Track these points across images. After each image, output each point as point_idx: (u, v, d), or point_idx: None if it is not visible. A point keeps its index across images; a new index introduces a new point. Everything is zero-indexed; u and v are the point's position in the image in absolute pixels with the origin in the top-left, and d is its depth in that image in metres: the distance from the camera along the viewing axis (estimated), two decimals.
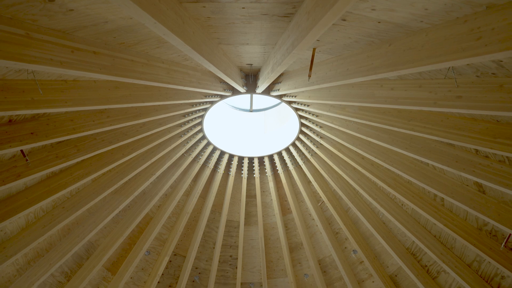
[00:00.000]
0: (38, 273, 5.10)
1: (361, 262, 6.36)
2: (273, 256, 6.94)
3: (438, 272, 5.53)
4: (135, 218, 5.91)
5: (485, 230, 4.79)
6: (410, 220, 5.53)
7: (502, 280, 4.81)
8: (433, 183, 4.81)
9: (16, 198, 4.59)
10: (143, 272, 6.43)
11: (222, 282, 6.92)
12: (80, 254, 5.72)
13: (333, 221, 6.51)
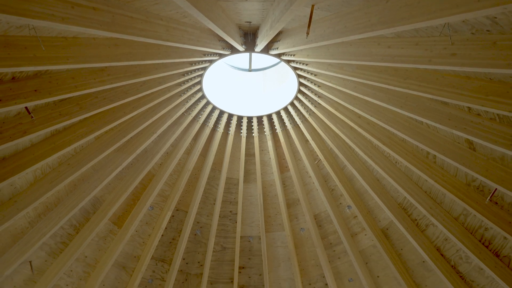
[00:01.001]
0: (48, 225, 5.38)
1: (355, 217, 6.68)
2: (271, 211, 7.26)
3: (427, 225, 5.84)
4: (138, 175, 6.13)
5: (473, 185, 5.02)
6: (403, 177, 5.76)
7: (485, 232, 5.12)
8: (426, 141, 4.98)
9: (23, 154, 4.77)
10: (147, 226, 6.77)
11: (222, 236, 7.30)
12: (87, 208, 5.99)
13: (329, 179, 6.75)
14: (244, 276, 7.34)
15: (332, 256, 6.99)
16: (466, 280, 5.50)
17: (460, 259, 5.52)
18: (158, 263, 6.91)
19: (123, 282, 6.57)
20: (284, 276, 7.27)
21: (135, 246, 6.68)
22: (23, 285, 5.46)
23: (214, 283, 7.26)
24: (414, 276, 6.13)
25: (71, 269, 5.97)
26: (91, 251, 6.18)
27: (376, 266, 6.57)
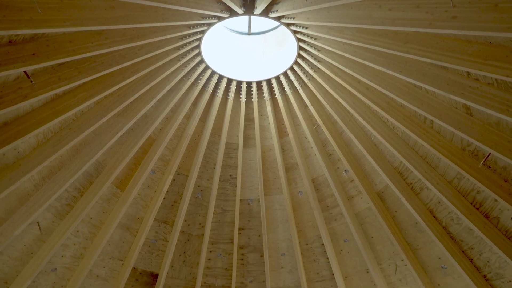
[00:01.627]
0: (53, 188, 5.54)
1: (352, 181, 6.85)
2: (270, 175, 7.43)
3: (421, 188, 6.00)
4: (138, 140, 6.22)
5: (468, 150, 5.12)
6: (400, 142, 5.85)
7: (477, 194, 5.29)
8: (424, 106, 5.02)
9: (24, 119, 4.82)
10: (149, 189, 6.95)
11: (222, 199, 7.51)
12: (90, 172, 6.13)
13: (327, 143, 6.85)
14: (244, 237, 7.65)
15: (328, 218, 7.24)
16: (456, 240, 5.74)
17: (451, 220, 5.73)
18: (160, 224, 7.16)
19: (128, 242, 6.86)
20: (282, 237, 7.57)
21: (138, 209, 6.90)
22: (33, 245, 5.71)
23: (215, 243, 7.57)
24: (407, 236, 6.38)
25: (78, 230, 6.21)
26: (96, 213, 6.40)
27: (371, 228, 6.83)
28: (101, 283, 6.57)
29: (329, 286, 7.26)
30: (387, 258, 6.67)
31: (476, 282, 5.43)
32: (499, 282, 5.37)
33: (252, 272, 7.60)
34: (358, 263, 7.01)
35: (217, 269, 7.56)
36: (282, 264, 7.55)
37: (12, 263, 5.52)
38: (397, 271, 6.55)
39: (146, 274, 7.08)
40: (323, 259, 7.32)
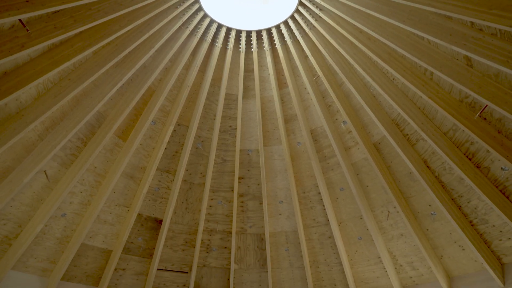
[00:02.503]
0: (57, 139, 5.66)
1: (349, 132, 6.98)
2: (269, 126, 7.53)
3: (417, 140, 6.14)
4: (138, 91, 6.23)
5: (465, 102, 5.18)
6: (399, 94, 5.88)
7: (470, 145, 5.43)
8: (425, 57, 4.99)
9: (23, 69, 4.80)
10: (150, 140, 7.09)
11: (222, 149, 7.69)
12: (91, 123, 6.22)
13: (326, 95, 6.87)
14: (244, 185, 7.94)
15: (325, 168, 7.47)
16: (446, 189, 6.00)
17: (444, 170, 5.94)
18: (163, 173, 7.40)
19: (132, 190, 7.14)
20: (281, 186, 7.86)
21: (141, 158, 7.09)
22: (41, 192, 5.95)
23: (215, 191, 7.88)
24: (400, 185, 6.65)
25: (83, 178, 6.44)
26: (100, 163, 6.59)
27: (366, 177, 7.08)
28: (108, 228, 6.95)
29: (324, 231, 7.69)
30: (380, 205, 7.00)
31: (462, 227, 5.77)
32: (484, 227, 5.70)
33: (252, 218, 8.00)
34: (352, 210, 7.36)
35: (218, 215, 7.95)
36: (280, 211, 7.92)
37: (23, 208, 5.80)
38: (389, 218, 6.91)
39: (150, 219, 7.46)
40: (319, 206, 7.67)
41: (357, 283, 7.47)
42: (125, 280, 7.20)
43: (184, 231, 7.74)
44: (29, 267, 6.07)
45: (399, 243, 6.89)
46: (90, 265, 6.80)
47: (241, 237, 8.03)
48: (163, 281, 7.56)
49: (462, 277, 6.18)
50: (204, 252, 7.88)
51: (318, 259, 7.77)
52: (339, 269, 7.58)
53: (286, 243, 7.95)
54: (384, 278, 7.16)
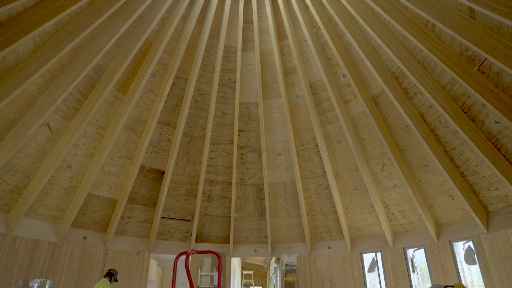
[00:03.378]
0: (57, 92, 5.69)
1: (349, 85, 6.99)
2: (269, 79, 7.52)
3: (415, 93, 6.18)
4: (136, 42, 6.15)
5: (465, 55, 5.15)
6: (399, 46, 5.82)
7: (467, 99, 5.49)
8: (428, 8, 4.88)
9: (18, 20, 4.71)
10: (150, 93, 7.12)
11: (222, 102, 7.74)
12: (91, 76, 6.21)
13: (326, 47, 6.78)
14: (243, 138, 8.10)
15: (324, 121, 7.58)
16: (441, 141, 6.15)
17: (439, 123, 6.05)
18: (164, 126, 7.52)
19: (134, 142, 7.30)
20: (279, 138, 8.02)
21: (141, 111, 7.17)
22: (46, 144, 6.11)
23: (216, 144, 8.05)
24: (396, 138, 6.80)
25: (86, 131, 6.56)
26: (101, 116, 6.67)
27: (363, 130, 7.21)
28: (113, 179, 7.20)
29: (321, 182, 7.98)
30: (375, 157, 7.21)
31: (453, 178, 6.00)
32: (473, 178, 5.94)
33: (251, 169, 8.26)
34: (348, 162, 7.59)
35: (219, 167, 8.20)
36: (278, 163, 8.16)
37: (30, 160, 5.99)
38: (384, 169, 7.15)
39: (153, 171, 7.70)
40: (316, 158, 7.89)
41: (351, 230, 7.91)
42: (131, 227, 7.61)
43: (186, 182, 8.03)
44: (40, 215, 6.40)
45: (392, 193, 7.19)
46: (97, 213, 7.15)
47: (241, 188, 8.35)
48: (167, 228, 7.99)
49: (449, 224, 6.54)
50: (205, 202, 8.24)
51: (314, 208, 8.14)
52: (334, 218, 7.98)
53: (284, 193, 8.29)
54: (376, 225, 7.57)
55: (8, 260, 5.77)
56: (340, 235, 7.96)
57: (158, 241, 7.86)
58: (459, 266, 6.23)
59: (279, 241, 8.40)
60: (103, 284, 4.54)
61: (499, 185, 5.67)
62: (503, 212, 5.73)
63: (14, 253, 5.86)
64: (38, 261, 6.15)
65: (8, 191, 5.90)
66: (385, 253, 7.33)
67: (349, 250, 7.76)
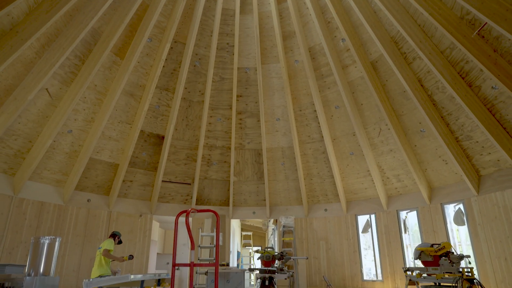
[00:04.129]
0: (55, 56, 5.67)
1: (348, 50, 6.92)
2: (267, 43, 7.43)
3: (414, 58, 6.15)
4: (132, 5, 6.03)
5: (466, 19, 5.08)
6: (400, 10, 5.72)
7: (465, 64, 5.48)
8: None
9: None
10: (148, 58, 7.07)
11: (220, 67, 7.69)
12: (87, 40, 6.15)
13: (326, 10, 6.65)
14: (242, 103, 8.13)
15: (322, 86, 7.58)
16: (437, 107, 6.21)
17: (436, 89, 6.08)
18: (162, 91, 7.53)
19: (133, 107, 7.34)
20: (278, 104, 8.06)
21: (139, 76, 7.15)
22: (46, 109, 6.17)
23: (214, 109, 8.10)
24: (394, 103, 6.84)
25: (85, 96, 6.59)
26: (100, 81, 6.67)
27: (361, 95, 7.24)
28: (113, 143, 7.33)
29: (319, 147, 8.11)
30: (373, 123, 7.29)
31: (448, 143, 6.12)
32: (468, 143, 6.05)
33: (250, 134, 8.37)
34: (346, 127, 7.68)
35: (218, 132, 8.30)
36: (277, 128, 8.25)
37: (31, 125, 6.07)
38: (380, 134, 7.25)
39: (153, 136, 7.81)
40: (314, 123, 7.97)
41: (347, 194, 8.15)
42: (133, 190, 7.84)
43: (186, 147, 8.16)
44: (44, 178, 6.58)
45: (388, 158, 7.35)
46: (99, 177, 7.35)
47: (240, 152, 8.50)
48: (168, 192, 8.23)
49: (442, 187, 6.75)
50: (205, 166, 8.42)
51: (311, 172, 8.34)
52: (330, 181, 8.19)
53: (282, 158, 8.45)
54: (371, 189, 7.80)
55: (17, 220, 6.02)
56: (336, 198, 8.22)
57: (159, 203, 8.13)
58: (448, 227, 6.51)
59: (277, 203, 8.68)
60: (107, 242, 4.77)
61: (491, 150, 5.79)
62: (494, 176, 5.90)
63: (22, 214, 6.10)
64: (45, 222, 6.42)
65: (12, 155, 6.04)
66: (379, 215, 7.61)
67: (344, 212, 8.04)
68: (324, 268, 7.91)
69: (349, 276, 7.63)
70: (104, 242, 4.84)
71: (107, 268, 4.73)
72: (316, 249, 8.11)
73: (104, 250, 4.67)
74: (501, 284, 5.43)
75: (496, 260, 5.56)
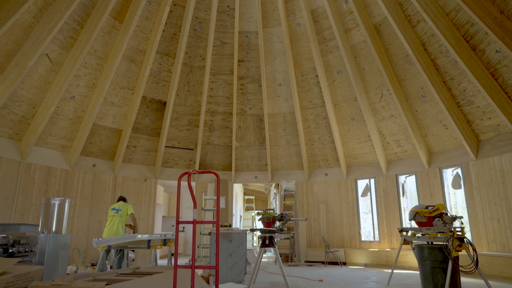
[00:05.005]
0: (53, 20, 5.60)
1: (351, 13, 6.76)
2: (269, 6, 7.26)
3: (418, 21, 6.02)
4: None
5: None
6: None
7: (470, 27, 5.37)
8: None
9: None
10: (147, 22, 6.95)
11: (221, 31, 7.57)
12: (85, 3, 6.03)
13: None
14: (243, 68, 8.07)
15: (324, 50, 7.48)
16: (440, 71, 6.15)
17: (440, 53, 6.00)
18: (163, 57, 7.47)
19: (134, 73, 7.33)
20: (279, 69, 7.99)
21: (139, 41, 7.07)
22: (47, 75, 6.18)
23: (216, 74, 8.06)
24: (396, 68, 6.78)
25: (86, 62, 6.57)
26: (100, 46, 6.62)
27: (364, 60, 7.15)
28: (116, 109, 7.38)
29: (320, 112, 8.14)
30: (374, 88, 7.26)
31: (449, 108, 6.13)
32: (469, 107, 6.06)
33: (251, 100, 8.38)
34: (347, 93, 7.66)
35: (219, 97, 8.31)
36: (278, 93, 8.24)
37: (34, 91, 6.11)
38: (382, 99, 7.25)
39: (155, 101, 7.84)
40: (316, 89, 7.95)
41: (347, 158, 8.28)
42: (137, 156, 8.00)
43: (188, 112, 8.21)
44: (50, 144, 6.72)
45: (389, 123, 7.39)
46: (104, 143, 7.48)
47: (242, 118, 8.55)
48: (172, 157, 8.39)
49: (441, 152, 6.84)
50: (207, 132, 8.51)
51: (312, 138, 8.43)
52: (331, 147, 8.29)
53: (283, 123, 8.51)
54: (371, 154, 7.91)
55: (26, 184, 6.22)
56: (337, 163, 8.36)
57: (163, 168, 8.31)
58: (445, 191, 6.67)
59: (278, 168, 8.84)
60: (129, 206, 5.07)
61: (492, 115, 5.81)
62: (493, 141, 5.96)
63: (31, 179, 6.30)
64: (53, 186, 6.63)
65: (17, 121, 6.13)
66: (378, 179, 7.78)
67: (344, 176, 8.21)
68: (324, 229, 8.21)
69: (347, 237, 7.93)
70: (122, 205, 5.06)
71: (123, 230, 5.02)
72: (316, 212, 8.37)
73: (132, 215, 5.00)
74: (492, 243, 5.66)
75: (489, 221, 5.75)
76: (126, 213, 5.06)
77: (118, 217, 4.96)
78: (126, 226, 5.15)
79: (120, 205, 5.07)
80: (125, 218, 5.05)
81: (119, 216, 4.97)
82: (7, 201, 5.89)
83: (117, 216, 4.97)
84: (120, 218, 4.97)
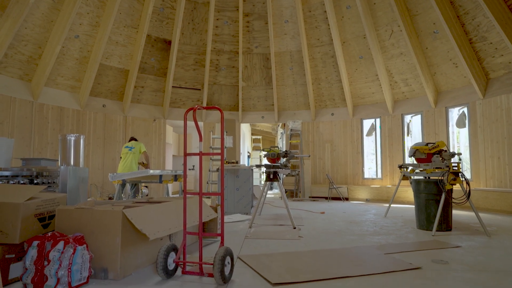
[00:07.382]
0: None
1: None
2: None
3: None
4: None
5: None
6: None
7: None
8: None
9: None
10: None
11: None
12: None
13: None
14: (249, 4, 7.77)
15: None
16: (454, 5, 5.88)
17: None
18: None
19: (137, 10, 7.14)
20: (286, 4, 7.68)
21: None
22: (50, 13, 6.08)
23: (221, 11, 7.80)
24: (408, 2, 6.48)
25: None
26: None
27: None
28: (121, 49, 7.33)
29: (328, 50, 7.96)
30: (385, 24, 7.00)
31: (460, 45, 5.96)
32: (481, 44, 5.89)
33: (257, 38, 8.18)
34: (356, 29, 7.42)
35: (225, 35, 8.13)
36: (285, 31, 8.01)
37: (38, 30, 6.07)
38: (392, 36, 7.03)
39: (160, 40, 7.73)
40: (324, 25, 7.69)
41: (354, 98, 8.27)
42: (145, 96, 8.10)
43: (193, 52, 8.12)
44: (60, 84, 6.82)
45: (398, 61, 7.24)
46: (111, 83, 7.55)
47: (248, 57, 8.44)
48: (179, 97, 8.47)
49: (449, 91, 6.78)
50: (213, 71, 8.47)
51: (319, 77, 8.35)
52: (338, 86, 8.25)
53: (290, 62, 8.39)
54: (378, 93, 7.87)
55: (41, 124, 6.46)
56: (343, 103, 8.38)
57: (171, 108, 8.45)
58: (450, 130, 6.74)
59: (285, 108, 8.91)
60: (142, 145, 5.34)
61: (504, 52, 5.66)
62: (502, 79, 5.87)
63: (45, 118, 6.52)
64: (66, 125, 6.87)
65: (25, 61, 6.19)
66: (384, 118, 7.84)
67: (350, 116, 8.28)
68: (328, 167, 8.49)
69: (351, 175, 8.22)
70: (135, 143, 5.31)
71: (137, 167, 5.32)
72: (322, 151, 8.59)
73: (145, 153, 5.30)
74: (490, 180, 5.86)
75: (490, 159, 5.90)
76: (139, 150, 5.32)
77: (132, 154, 5.23)
78: (139, 163, 5.43)
79: (133, 144, 5.31)
80: (138, 156, 5.32)
81: (133, 153, 5.23)
82: (24, 139, 6.17)
83: (130, 153, 5.23)
84: (134, 155, 5.24)
